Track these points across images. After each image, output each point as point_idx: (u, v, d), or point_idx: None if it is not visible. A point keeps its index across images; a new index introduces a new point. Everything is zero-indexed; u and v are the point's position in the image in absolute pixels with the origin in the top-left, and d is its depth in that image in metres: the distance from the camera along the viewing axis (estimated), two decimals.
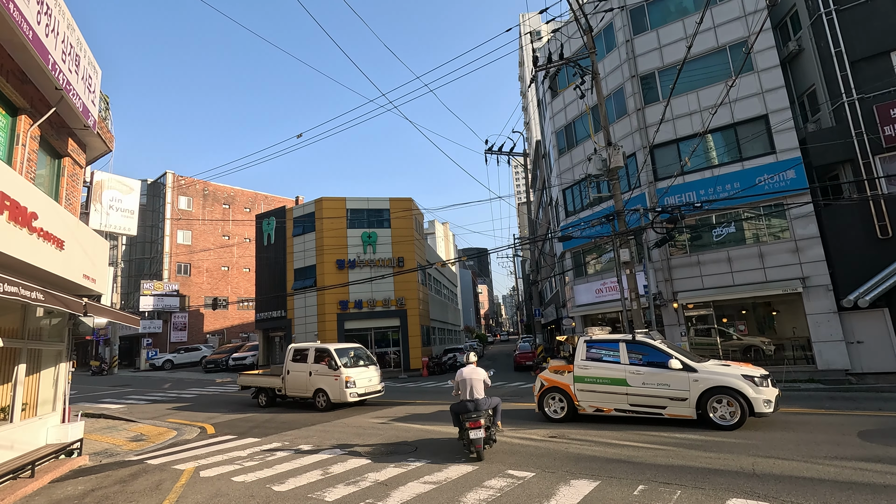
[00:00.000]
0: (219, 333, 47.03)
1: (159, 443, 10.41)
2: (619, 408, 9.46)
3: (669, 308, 17.97)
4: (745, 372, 8.59)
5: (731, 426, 8.33)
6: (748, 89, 17.17)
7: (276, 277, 31.41)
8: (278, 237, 31.94)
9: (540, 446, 8.03)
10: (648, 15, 19.69)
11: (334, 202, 30.02)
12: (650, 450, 7.38)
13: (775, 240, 16.50)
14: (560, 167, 23.96)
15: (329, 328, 28.25)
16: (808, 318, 15.56)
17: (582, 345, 10.14)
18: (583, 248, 22.32)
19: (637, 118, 19.37)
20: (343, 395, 13.44)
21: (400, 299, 29.51)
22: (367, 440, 9.36)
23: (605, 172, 15.08)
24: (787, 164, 16.11)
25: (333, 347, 14.21)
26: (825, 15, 15.90)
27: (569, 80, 22.82)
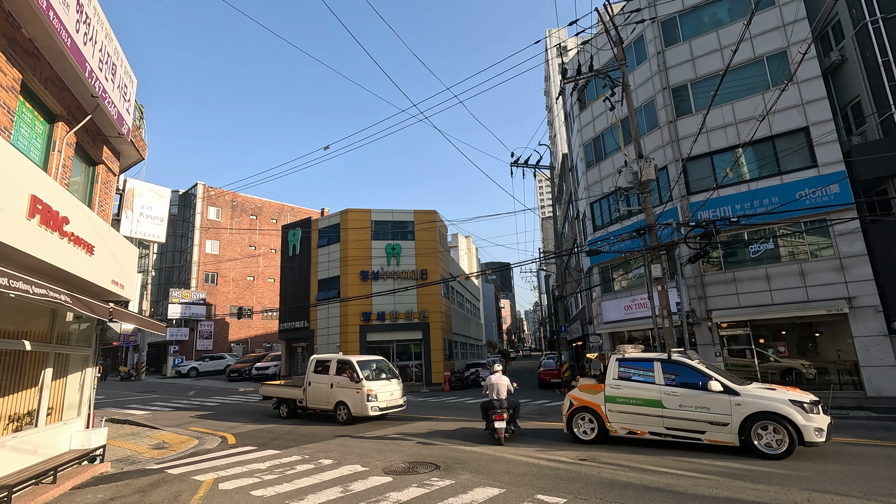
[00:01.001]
0: (243, 343, 47.61)
1: (180, 451, 10.33)
2: (653, 431, 8.94)
3: (703, 326, 17.23)
4: (793, 397, 8.00)
5: (779, 455, 7.74)
6: (787, 101, 16.55)
7: (300, 288, 31.63)
8: (303, 248, 32.24)
9: (570, 469, 7.60)
10: (680, 27, 19.30)
11: (359, 214, 30.18)
12: (690, 478, 6.88)
13: (817, 257, 15.69)
14: (588, 180, 23.53)
15: (351, 339, 28.17)
16: (856, 340, 14.66)
17: (614, 363, 9.69)
18: (611, 263, 21.74)
19: (669, 130, 18.88)
20: (364, 408, 13.19)
21: (423, 312, 29.28)
22: (388, 457, 9.07)
23: (635, 185, 14.67)
24: (830, 178, 15.37)
25: (356, 359, 14.02)
26: (871, 24, 15.26)
27: (597, 93, 22.51)
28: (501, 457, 8.70)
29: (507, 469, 7.75)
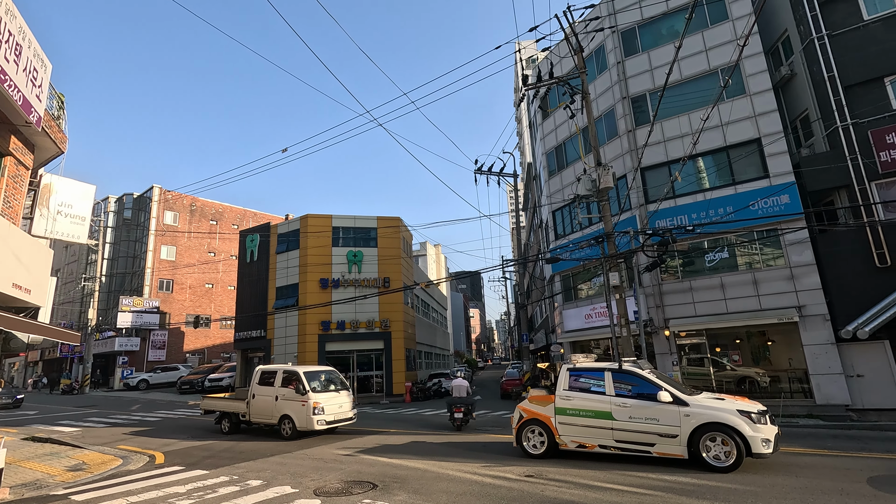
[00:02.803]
0: (199, 353, 45.60)
1: (98, 473, 9.39)
2: (603, 444, 8.61)
3: (661, 335, 17.21)
4: (742, 407, 7.80)
5: (727, 468, 7.50)
6: (741, 113, 16.84)
7: (258, 296, 30.43)
8: (261, 254, 31.10)
9: (513, 488, 7.15)
10: (640, 38, 19.52)
11: (320, 219, 29.32)
12: (637, 495, 6.53)
13: (770, 266, 15.91)
14: (550, 188, 23.48)
15: (310, 349, 27.18)
16: (805, 349, 14.85)
17: (565, 373, 9.34)
18: (572, 271, 21.65)
19: (628, 140, 18.98)
20: (310, 422, 12.46)
21: (384, 321, 28.56)
22: (325, 476, 8.42)
23: (594, 193, 14.56)
24: (780, 188, 15.64)
25: (303, 370, 13.28)
26: (817, 40, 15.70)
27: (560, 101, 22.54)
28: (445, 474, 8.19)
29: (448, 489, 7.24)
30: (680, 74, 18.17)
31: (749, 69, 16.98)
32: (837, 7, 15.76)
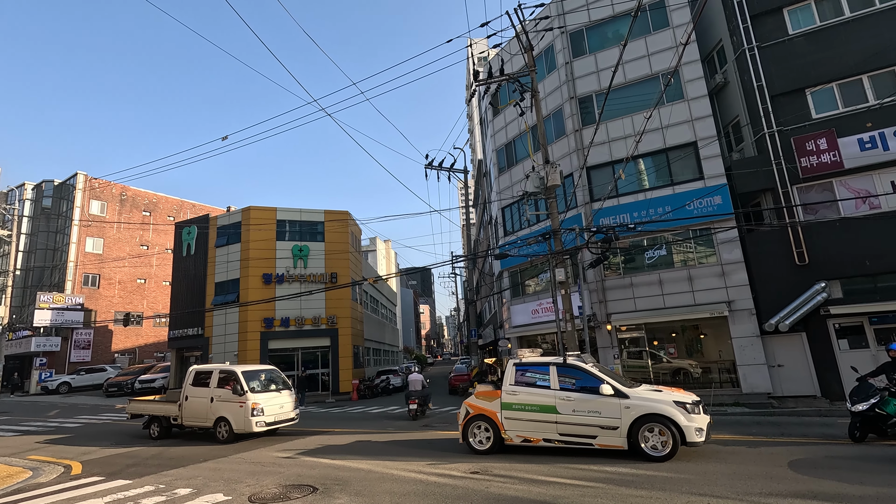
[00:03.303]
0: (130, 353, 42.71)
1: (1, 489, 8.44)
2: (547, 437, 8.70)
3: (603, 330, 17.77)
4: (677, 398, 8.10)
5: (663, 457, 7.76)
6: (679, 117, 17.62)
7: (195, 291, 28.79)
8: (199, 247, 29.43)
9: (458, 485, 7.05)
10: (587, 39, 19.99)
11: (264, 212, 28.12)
12: (578, 488, 6.60)
13: (703, 264, 16.78)
14: (500, 185, 23.68)
15: (251, 347, 26.06)
16: (734, 341, 15.78)
17: (511, 368, 9.36)
18: (520, 267, 21.95)
19: (575, 139, 19.42)
20: (248, 424, 11.85)
21: (331, 317, 27.85)
22: (261, 480, 7.98)
23: (542, 190, 14.77)
24: (714, 190, 16.51)
25: (241, 370, 12.62)
26: (748, 50, 16.66)
27: (510, 99, 22.72)
28: (389, 474, 7.97)
29: (392, 489, 7.04)
30: (624, 77, 18.77)
31: (687, 75, 17.79)
32: (766, 20, 16.79)
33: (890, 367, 8.94)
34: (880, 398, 8.41)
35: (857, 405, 8.58)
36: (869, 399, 8.46)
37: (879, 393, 8.48)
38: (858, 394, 8.69)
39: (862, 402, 8.53)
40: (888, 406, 8.36)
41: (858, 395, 8.67)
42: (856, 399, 8.66)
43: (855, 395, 8.73)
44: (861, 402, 8.53)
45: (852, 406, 8.67)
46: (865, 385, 8.77)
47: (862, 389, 8.72)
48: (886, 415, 8.36)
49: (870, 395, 8.50)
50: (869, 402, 8.44)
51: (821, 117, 15.62)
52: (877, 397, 8.43)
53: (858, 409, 8.52)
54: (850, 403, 8.75)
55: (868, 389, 8.62)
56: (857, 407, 8.57)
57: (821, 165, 15.14)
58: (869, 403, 8.43)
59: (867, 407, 8.42)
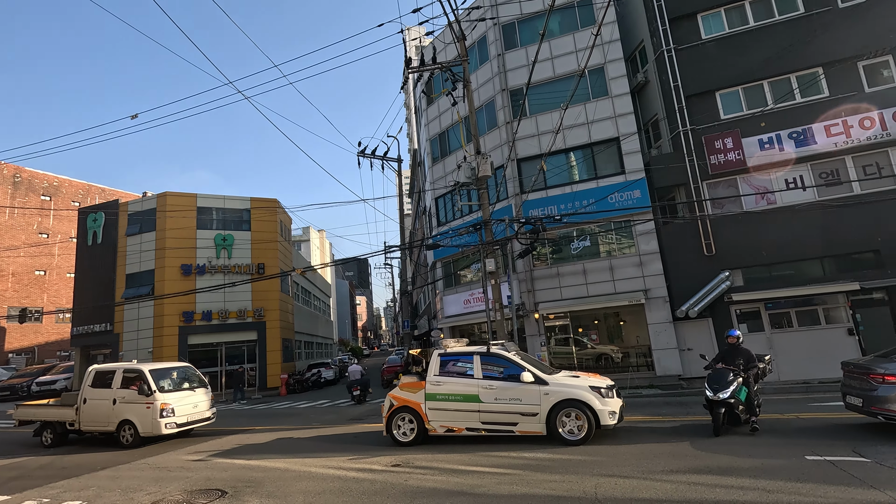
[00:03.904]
0: (28, 352, 38.60)
1: None
2: (470, 426, 8.74)
3: (531, 318, 18.25)
4: (593, 383, 8.40)
5: (579, 441, 8.03)
6: (604, 113, 18.30)
7: (103, 284, 26.41)
8: (108, 236, 26.98)
9: (377, 480, 6.89)
10: (519, 33, 20.23)
11: (182, 198, 26.24)
12: (496, 475, 6.66)
13: (624, 254, 17.64)
14: (433, 175, 23.57)
15: (168, 343, 24.36)
16: (650, 327, 16.76)
17: (436, 358, 9.30)
18: (452, 258, 22.03)
19: (506, 131, 19.64)
20: (156, 426, 10.99)
21: (258, 310, 26.62)
22: (165, 487, 7.39)
23: (473, 181, 14.82)
24: (634, 184, 17.35)
25: (148, 368, 11.66)
26: (667, 52, 17.57)
27: (443, 87, 22.59)
28: (307, 472, 7.66)
29: (307, 488, 6.75)
30: (553, 72, 19.20)
31: (611, 73, 18.49)
32: (683, 24, 17.77)
33: (728, 353, 8.68)
34: (737, 385, 8.04)
35: (719, 393, 7.95)
36: (729, 386, 7.96)
37: (735, 379, 8.07)
38: (718, 381, 8.10)
39: (723, 389, 7.96)
40: (740, 392, 8.10)
41: (718, 382, 8.08)
42: (717, 387, 8.02)
43: (715, 384, 8.09)
44: (723, 390, 7.96)
45: (714, 394, 7.98)
46: (721, 372, 8.25)
47: (720, 377, 8.17)
48: (738, 401, 8.08)
49: (729, 382, 8.00)
50: (730, 390, 7.94)
51: (728, 118, 16.82)
52: (734, 384, 7.99)
53: (722, 398, 7.91)
54: (710, 392, 8.04)
55: (726, 376, 8.13)
56: (720, 395, 7.93)
57: (727, 163, 16.34)
58: (730, 390, 7.93)
59: (729, 394, 7.91)
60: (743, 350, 8.58)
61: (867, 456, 6.32)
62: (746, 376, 8.22)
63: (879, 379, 7.15)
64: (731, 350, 8.69)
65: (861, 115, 15.33)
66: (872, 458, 6.23)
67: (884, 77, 15.71)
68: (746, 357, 8.44)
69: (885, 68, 15.73)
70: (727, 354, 8.69)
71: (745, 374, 8.22)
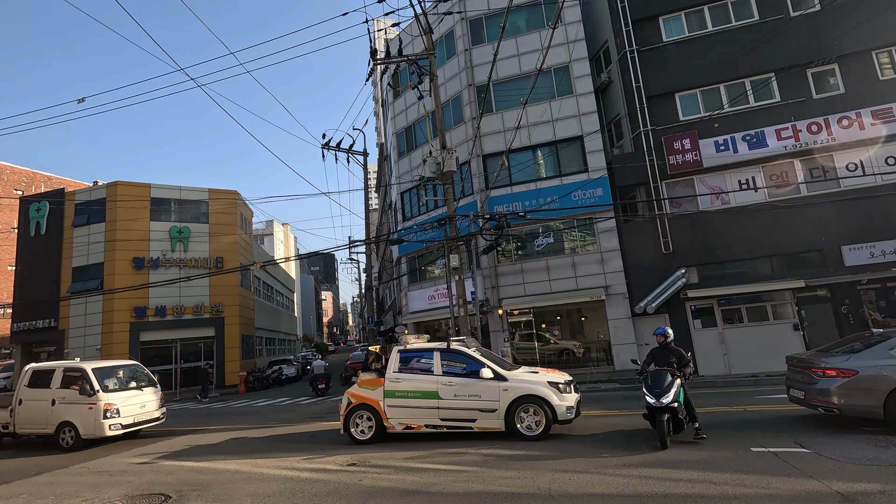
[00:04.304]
0: None
1: None
2: (429, 423, 8.65)
3: (495, 314, 18.32)
4: (551, 378, 8.45)
5: (537, 436, 8.07)
6: (568, 111, 18.50)
7: (47, 277, 24.93)
8: (52, 227, 25.46)
9: (331, 480, 6.70)
10: (486, 28, 20.17)
11: (134, 188, 25.03)
12: (452, 473, 6.59)
13: (586, 251, 17.92)
14: (399, 170, 23.31)
15: (119, 340, 23.26)
16: (610, 322, 17.11)
17: (395, 355, 9.15)
18: (417, 253, 21.88)
19: (472, 127, 19.57)
20: (100, 427, 10.42)
21: (216, 305, 25.74)
22: (103, 493, 6.97)
23: (439, 176, 14.70)
24: (597, 182, 17.62)
25: (92, 367, 11.04)
26: (629, 53, 17.88)
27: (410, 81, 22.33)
28: (259, 474, 7.39)
29: (257, 491, 6.50)
30: (520, 69, 19.26)
31: (576, 72, 18.70)
32: (645, 26, 18.12)
33: (659, 353, 7.85)
34: (677, 387, 7.25)
35: (662, 398, 7.08)
36: (671, 389, 7.13)
37: (675, 380, 7.28)
38: (658, 385, 7.24)
39: (665, 393, 7.10)
40: (680, 395, 7.37)
41: (658, 385, 7.22)
42: (658, 391, 7.16)
43: (655, 388, 7.21)
44: (665, 394, 7.10)
45: (657, 400, 7.09)
46: (659, 374, 7.42)
47: (658, 379, 7.33)
48: (680, 405, 7.31)
49: (669, 385, 7.17)
50: (672, 393, 7.11)
51: (687, 120, 17.28)
52: (674, 386, 7.18)
53: (665, 403, 7.04)
54: (652, 398, 7.16)
55: (664, 378, 7.30)
56: (663, 400, 7.06)
57: (685, 164, 16.80)
58: (672, 393, 7.10)
59: (672, 398, 7.07)
60: (674, 349, 7.82)
61: (808, 447, 6.57)
62: (682, 376, 7.50)
63: (820, 373, 7.46)
64: (662, 350, 7.87)
65: (809, 121, 16.04)
66: (813, 448, 6.48)
67: (830, 84, 16.47)
68: (678, 356, 7.70)
69: (832, 76, 16.50)
70: (658, 355, 7.84)
71: (681, 375, 7.49)
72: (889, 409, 6.90)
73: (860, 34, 15.86)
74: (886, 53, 16.24)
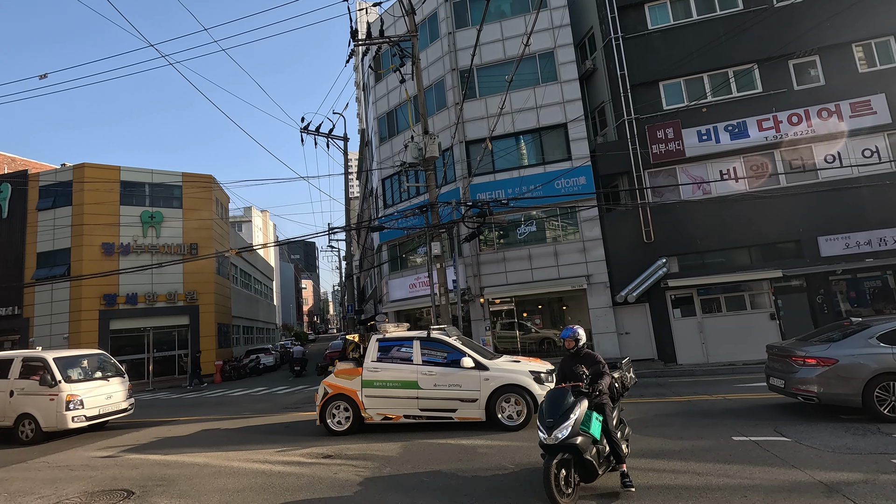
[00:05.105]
0: None
1: None
2: (408, 414, 8.43)
3: (477, 303, 18.14)
4: (533, 368, 8.31)
5: (518, 426, 7.92)
6: (552, 98, 18.25)
7: (9, 263, 23.86)
8: (15, 210, 24.33)
9: (304, 474, 6.43)
10: (470, 11, 19.72)
11: (103, 171, 24.03)
12: (431, 465, 6.38)
13: (568, 240, 17.82)
14: (381, 155, 22.83)
15: (87, 329, 22.45)
16: (591, 311, 17.09)
17: (374, 344, 8.89)
18: (399, 241, 21.53)
19: (455, 112, 19.17)
20: (62, 420, 9.93)
21: (190, 293, 25.03)
22: (60, 489, 6.58)
23: (420, 162, 14.38)
24: (580, 171, 17.47)
25: (53, 356, 10.51)
26: (615, 40, 17.67)
27: (391, 64, 21.78)
28: (228, 468, 7.08)
29: (225, 486, 6.20)
30: (504, 54, 18.91)
31: (561, 58, 18.43)
32: (630, 14, 17.92)
33: (568, 363, 5.56)
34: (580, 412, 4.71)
35: (555, 431, 4.55)
36: (569, 416, 4.62)
37: (578, 402, 4.76)
38: (552, 412, 4.76)
39: (560, 424, 4.58)
40: (590, 423, 4.74)
41: (553, 413, 4.73)
42: (551, 422, 4.65)
43: (549, 416, 4.73)
44: (559, 426, 4.56)
45: (547, 434, 4.60)
46: (557, 396, 4.90)
47: (554, 402, 4.84)
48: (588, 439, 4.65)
49: (567, 410, 4.68)
50: (570, 422, 4.57)
51: (670, 109, 17.21)
52: (576, 411, 4.68)
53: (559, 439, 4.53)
54: (543, 432, 4.67)
55: (562, 400, 4.80)
56: (557, 434, 4.53)
57: (668, 153, 16.75)
58: (570, 423, 4.57)
59: (570, 432, 4.53)
60: (587, 355, 5.46)
61: (788, 435, 6.55)
62: (596, 394, 4.94)
63: (800, 361, 7.46)
64: (572, 359, 5.52)
65: (790, 112, 16.12)
66: (793, 437, 6.46)
67: (811, 76, 16.56)
68: (591, 364, 5.29)
69: (813, 68, 16.58)
70: (566, 367, 5.50)
71: (595, 392, 4.93)
72: (867, 397, 6.93)
73: (840, 27, 15.94)
74: (864, 47, 16.38)
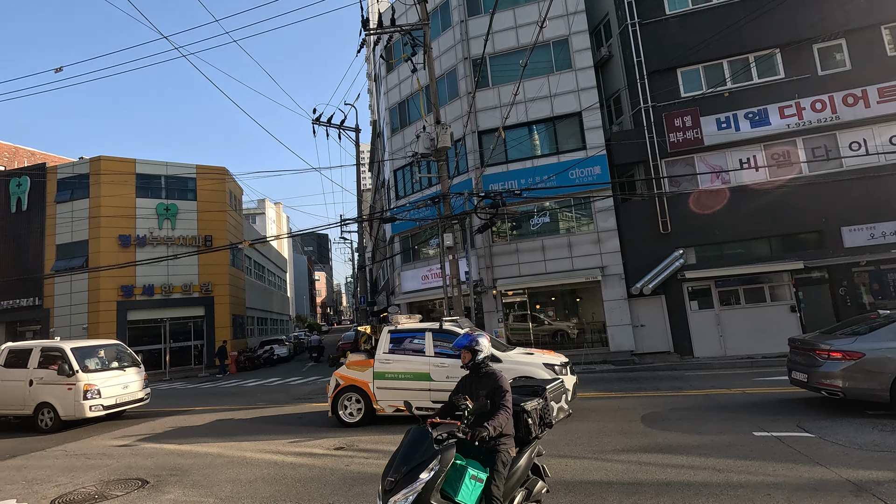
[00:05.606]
0: None
1: None
2: (420, 405, 8.34)
3: (489, 295, 18.01)
4: (547, 360, 8.18)
5: None
6: (567, 86, 17.89)
7: (29, 255, 24.33)
8: (34, 203, 24.74)
9: (316, 465, 6.41)
10: None
11: (119, 163, 24.29)
12: None
13: (582, 231, 17.56)
14: (392, 146, 22.70)
15: (105, 319, 22.83)
16: (605, 304, 16.85)
17: (385, 335, 8.82)
18: (411, 232, 21.45)
19: (468, 101, 18.91)
20: (80, 409, 10.09)
21: (205, 285, 25.30)
22: (77, 477, 6.66)
23: (432, 152, 14.23)
24: (594, 160, 17.15)
25: (71, 346, 10.66)
26: (631, 26, 17.24)
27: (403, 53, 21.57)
28: (241, 458, 7.09)
29: (237, 476, 6.20)
30: (517, 42, 18.57)
31: (575, 45, 18.04)
32: None
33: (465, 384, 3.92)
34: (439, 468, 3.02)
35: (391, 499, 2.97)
36: (416, 478, 2.96)
37: (439, 454, 3.04)
38: (403, 461, 3.06)
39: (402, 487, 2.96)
40: (459, 486, 3.13)
41: (403, 464, 3.05)
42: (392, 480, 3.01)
43: (394, 471, 3.04)
44: (399, 491, 2.96)
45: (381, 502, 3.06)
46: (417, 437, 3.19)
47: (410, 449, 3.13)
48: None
49: (419, 467, 3.00)
50: (415, 488, 2.93)
51: (688, 96, 16.76)
52: (430, 469, 2.99)
53: None
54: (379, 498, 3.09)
55: (418, 447, 3.11)
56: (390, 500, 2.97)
57: (685, 141, 16.35)
58: (415, 492, 2.93)
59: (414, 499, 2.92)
60: (488, 377, 3.77)
61: (811, 431, 6.35)
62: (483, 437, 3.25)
63: (825, 355, 7.21)
64: (468, 380, 3.94)
65: (813, 98, 15.59)
66: (816, 433, 6.25)
67: (836, 60, 15.97)
68: (491, 390, 3.61)
69: (838, 52, 15.99)
70: (464, 388, 3.88)
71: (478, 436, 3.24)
72: (895, 393, 6.68)
73: (867, 8, 15.33)
74: (892, 30, 15.72)
